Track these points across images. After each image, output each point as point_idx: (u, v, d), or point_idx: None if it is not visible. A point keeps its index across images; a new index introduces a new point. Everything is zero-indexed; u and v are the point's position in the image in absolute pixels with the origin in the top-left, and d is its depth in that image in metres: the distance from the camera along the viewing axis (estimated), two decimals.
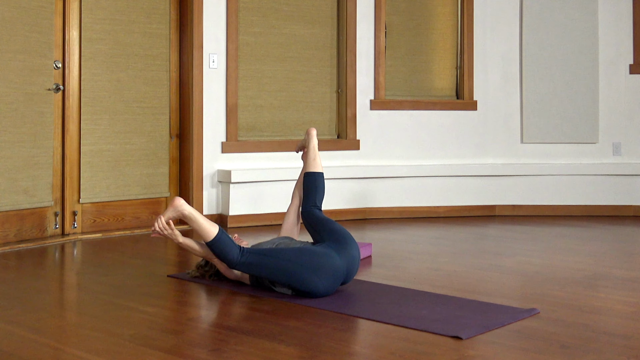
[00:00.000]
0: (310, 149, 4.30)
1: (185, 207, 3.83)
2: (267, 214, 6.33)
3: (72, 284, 4.41)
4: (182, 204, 3.84)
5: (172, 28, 6.22)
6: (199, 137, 6.20)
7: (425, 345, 3.01)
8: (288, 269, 3.70)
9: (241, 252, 3.77)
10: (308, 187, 4.18)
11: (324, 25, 6.78)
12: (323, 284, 3.71)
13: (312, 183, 4.18)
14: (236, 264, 3.77)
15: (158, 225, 3.88)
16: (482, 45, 7.15)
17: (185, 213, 3.82)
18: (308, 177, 4.21)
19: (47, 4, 5.46)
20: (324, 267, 3.72)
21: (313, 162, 4.24)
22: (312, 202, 4.14)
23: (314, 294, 3.72)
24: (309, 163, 4.25)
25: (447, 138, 7.07)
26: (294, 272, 3.70)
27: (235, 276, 4.02)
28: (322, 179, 4.21)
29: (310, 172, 4.22)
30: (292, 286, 3.74)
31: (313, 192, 4.16)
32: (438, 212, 6.91)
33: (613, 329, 3.29)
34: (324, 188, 4.22)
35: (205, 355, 2.90)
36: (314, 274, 3.69)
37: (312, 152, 4.28)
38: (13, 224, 5.28)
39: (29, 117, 5.35)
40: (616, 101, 7.09)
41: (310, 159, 4.26)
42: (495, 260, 4.83)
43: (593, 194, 6.99)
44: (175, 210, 3.85)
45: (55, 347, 3.00)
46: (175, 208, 3.85)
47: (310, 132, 4.34)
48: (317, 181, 4.19)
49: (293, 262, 3.71)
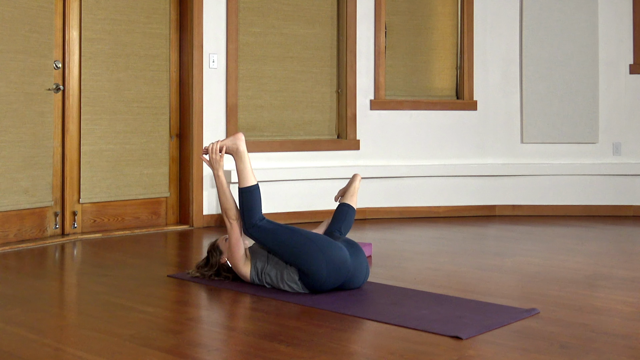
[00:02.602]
0: (351, 187, 4.40)
1: (243, 143, 3.95)
2: (267, 214, 6.32)
3: (72, 284, 4.41)
4: (242, 139, 3.96)
5: (172, 28, 6.22)
6: (199, 137, 6.20)
7: (425, 345, 3.01)
8: (299, 243, 3.76)
9: (262, 217, 3.86)
10: (339, 214, 4.28)
11: (324, 25, 6.78)
12: (328, 269, 3.73)
13: (344, 212, 4.28)
14: (253, 225, 3.83)
15: (212, 147, 3.96)
16: (482, 45, 7.15)
17: (240, 148, 3.93)
18: (342, 206, 4.31)
19: (47, 4, 5.46)
20: (334, 254, 3.77)
21: (351, 197, 4.37)
22: (337, 227, 4.21)
23: (316, 278, 3.73)
24: (348, 198, 4.36)
25: (447, 138, 7.07)
26: (305, 248, 3.75)
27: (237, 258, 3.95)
28: (353, 214, 4.32)
29: (346, 204, 4.32)
30: (297, 263, 3.75)
31: (342, 220, 4.25)
32: (438, 212, 6.91)
33: (613, 329, 3.29)
34: (352, 222, 4.30)
35: (205, 355, 2.90)
36: (323, 255, 3.74)
37: (353, 190, 4.39)
38: (13, 224, 5.28)
39: (29, 117, 5.35)
40: (616, 101, 7.09)
41: (349, 195, 4.38)
42: (495, 260, 4.83)
43: (593, 194, 6.99)
44: (234, 141, 3.95)
45: (55, 347, 3.00)
46: (235, 139, 3.96)
47: (356, 177, 4.45)
48: (349, 212, 4.29)
49: (306, 238, 3.79)
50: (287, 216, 6.42)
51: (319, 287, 3.78)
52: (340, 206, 4.33)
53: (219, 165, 3.95)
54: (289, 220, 6.35)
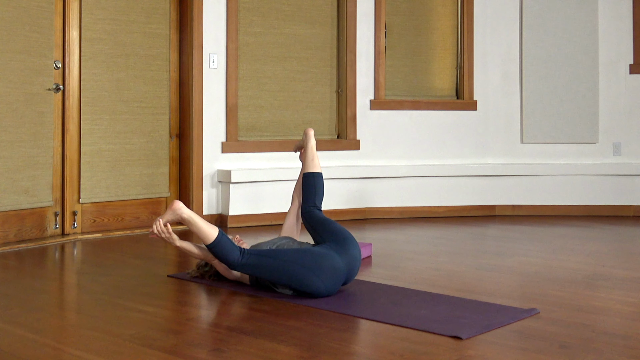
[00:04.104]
0: (308, 149, 4.28)
1: (184, 210, 3.81)
2: (267, 214, 6.33)
3: (72, 284, 4.41)
4: (180, 207, 3.82)
5: (172, 28, 6.22)
6: (199, 137, 6.20)
7: (425, 345, 3.01)
8: (288, 270, 3.69)
9: (241, 254, 3.76)
10: (307, 187, 4.17)
11: (324, 25, 6.78)
12: (324, 284, 3.70)
13: (311, 184, 4.17)
14: (237, 265, 3.76)
15: (156, 228, 3.87)
16: (482, 45, 7.15)
17: (184, 216, 3.81)
18: (307, 178, 4.20)
19: (47, 4, 5.46)
20: (325, 268, 3.71)
21: (311, 162, 4.23)
22: (311, 202, 4.13)
23: (315, 295, 3.71)
24: (307, 164, 4.24)
25: (447, 138, 7.07)
26: (295, 273, 3.69)
27: (235, 277, 4.02)
28: (321, 179, 4.20)
29: (309, 173, 4.21)
30: (293, 287, 3.74)
31: (312, 193, 4.15)
32: (438, 212, 6.91)
33: (613, 329, 3.29)
34: (323, 188, 4.21)
35: (205, 355, 2.90)
36: (315, 275, 3.69)
37: (310, 153, 4.26)
38: (13, 224, 5.28)
39: (29, 117, 5.35)
40: (616, 101, 7.09)
41: (308, 160, 4.25)
42: (495, 260, 4.83)
43: (593, 194, 6.99)
44: (174, 213, 3.84)
45: (55, 347, 3.00)
46: (174, 211, 3.83)
47: (308, 133, 4.32)
48: (316, 181, 4.18)
49: (293, 263, 3.70)
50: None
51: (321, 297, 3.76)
52: (306, 177, 4.20)
53: (172, 239, 3.88)
54: None
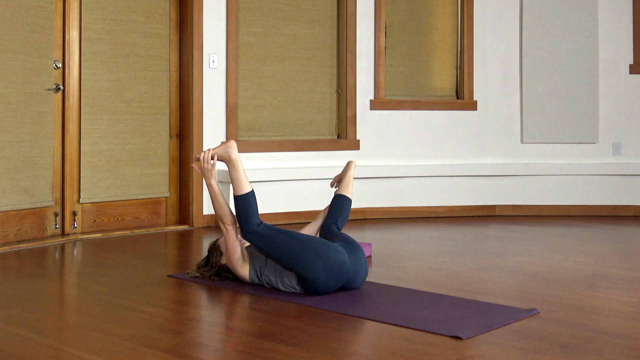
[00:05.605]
0: (346, 177, 4.44)
1: (235, 151, 3.88)
2: (267, 214, 6.32)
3: (72, 284, 4.41)
4: (234, 146, 3.89)
5: (172, 28, 6.22)
6: (199, 137, 6.20)
7: (425, 345, 3.01)
8: (298, 251, 3.73)
9: (260, 222, 3.82)
10: (335, 206, 4.31)
11: (324, 25, 6.78)
12: (327, 275, 3.72)
13: (339, 204, 4.31)
14: (252, 230, 3.80)
15: (204, 156, 3.90)
16: (482, 45, 7.15)
17: (232, 156, 3.87)
18: (338, 198, 4.34)
19: (47, 4, 5.46)
20: (332, 259, 3.75)
21: (346, 188, 4.39)
22: (334, 220, 4.24)
23: (316, 283, 3.72)
24: (342, 188, 4.40)
25: (447, 138, 7.07)
26: (303, 255, 3.72)
27: (235, 261, 3.95)
28: (349, 205, 4.34)
29: (342, 195, 4.35)
30: (295, 270, 3.74)
31: (338, 212, 4.28)
32: (438, 212, 6.91)
33: (613, 329, 3.29)
34: (349, 213, 4.35)
35: (205, 355, 2.90)
36: (322, 262, 3.72)
37: (348, 179, 4.43)
38: (13, 224, 5.28)
39: (29, 117, 5.35)
40: (616, 101, 7.09)
41: (344, 185, 4.42)
42: (495, 260, 4.83)
43: (593, 194, 6.99)
44: (226, 149, 3.89)
45: (55, 347, 3.00)
46: (227, 147, 3.89)
47: (351, 165, 4.48)
48: (345, 204, 4.32)
49: (305, 245, 3.75)
50: (287, 216, 6.42)
51: (318, 291, 3.77)
52: (336, 198, 4.34)
53: (210, 174, 3.89)
54: (289, 220, 6.36)
